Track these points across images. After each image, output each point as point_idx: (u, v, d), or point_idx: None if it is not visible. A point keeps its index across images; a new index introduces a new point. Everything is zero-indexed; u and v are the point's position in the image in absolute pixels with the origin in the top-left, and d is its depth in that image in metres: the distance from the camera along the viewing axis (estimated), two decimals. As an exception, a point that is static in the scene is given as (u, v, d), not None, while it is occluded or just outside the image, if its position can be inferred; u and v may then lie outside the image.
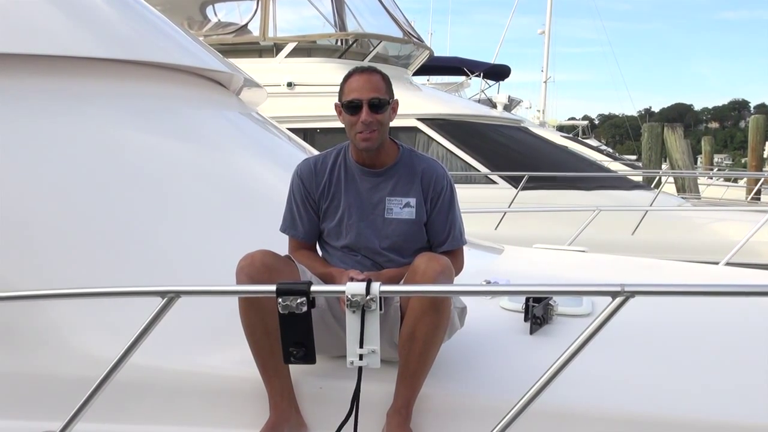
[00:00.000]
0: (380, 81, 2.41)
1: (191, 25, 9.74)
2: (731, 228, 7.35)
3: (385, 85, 2.42)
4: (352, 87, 2.39)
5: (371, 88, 2.37)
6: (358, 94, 2.36)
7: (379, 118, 2.38)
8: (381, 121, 2.39)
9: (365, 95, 2.36)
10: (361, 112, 2.36)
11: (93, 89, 3.23)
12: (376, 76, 2.41)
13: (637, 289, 1.77)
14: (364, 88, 2.37)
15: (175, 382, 2.40)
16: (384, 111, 2.40)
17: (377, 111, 2.37)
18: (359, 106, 2.36)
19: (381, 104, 2.38)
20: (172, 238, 2.93)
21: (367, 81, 2.38)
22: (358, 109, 2.37)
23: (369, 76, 2.40)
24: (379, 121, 2.38)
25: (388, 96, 2.42)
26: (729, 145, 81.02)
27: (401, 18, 10.36)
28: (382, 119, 2.39)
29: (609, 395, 2.29)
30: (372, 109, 2.36)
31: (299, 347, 2.00)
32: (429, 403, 2.29)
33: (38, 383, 2.44)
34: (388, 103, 2.41)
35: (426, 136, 8.97)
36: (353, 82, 2.39)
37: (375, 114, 2.37)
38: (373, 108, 2.37)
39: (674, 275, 3.93)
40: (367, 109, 2.36)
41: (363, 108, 2.36)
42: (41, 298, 2.36)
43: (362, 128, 2.36)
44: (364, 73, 2.40)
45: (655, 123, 16.57)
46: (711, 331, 2.85)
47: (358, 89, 2.37)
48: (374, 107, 2.37)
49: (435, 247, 2.53)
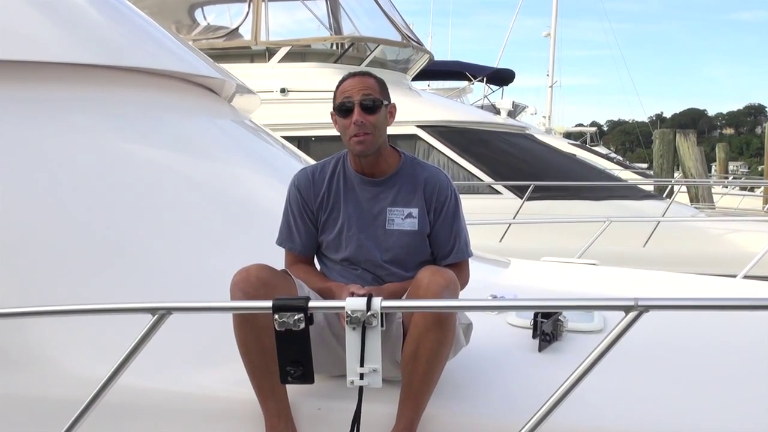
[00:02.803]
0: (373, 82, 2.45)
1: (179, 29, 9.78)
2: (748, 239, 7.36)
3: (378, 87, 2.45)
4: (344, 89, 2.43)
5: (363, 88, 2.41)
6: (348, 95, 2.40)
7: (372, 120, 2.40)
8: (375, 124, 2.40)
9: (356, 95, 2.39)
10: (353, 113, 2.38)
11: (78, 97, 3.24)
12: (368, 78, 2.46)
13: (651, 303, 1.78)
14: (356, 89, 2.41)
15: (166, 403, 2.41)
16: (378, 112, 2.41)
17: (370, 112, 2.39)
18: (351, 108, 2.39)
19: (374, 105, 2.40)
20: (163, 251, 2.94)
21: (358, 82, 2.42)
22: (350, 111, 2.39)
23: (361, 77, 2.45)
24: (372, 123, 2.40)
25: (382, 97, 2.45)
26: (745, 152, 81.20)
27: (399, 20, 10.40)
28: (376, 121, 2.41)
29: (622, 415, 2.29)
30: (365, 110, 2.38)
31: (297, 366, 2.01)
32: (433, 425, 2.29)
33: (22, 404, 2.44)
34: (383, 105, 2.44)
35: (426, 143, 8.98)
36: (345, 85, 2.44)
37: (367, 115, 2.39)
38: (366, 109, 2.39)
39: (690, 289, 3.93)
40: (359, 110, 2.38)
41: (355, 108, 2.38)
42: (25, 315, 2.35)
43: (355, 130, 2.38)
44: (356, 76, 2.46)
45: (666, 129, 16.61)
46: (729, 348, 2.86)
47: (349, 90, 2.41)
48: (367, 108, 2.39)
49: (439, 259, 2.54)
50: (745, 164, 62.25)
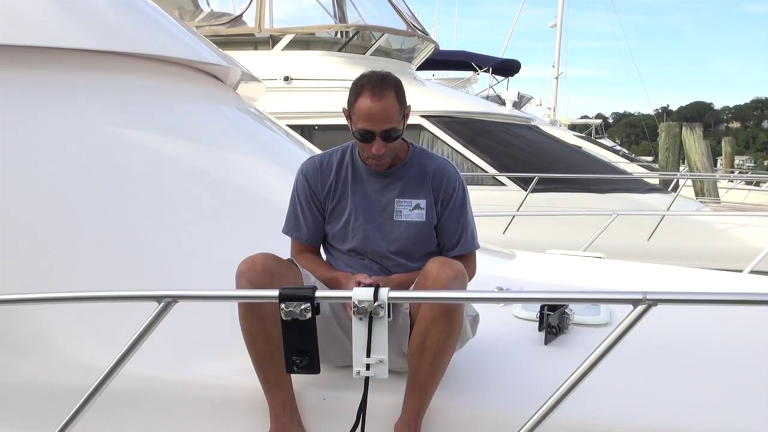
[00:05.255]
0: (394, 105, 2.33)
1: (183, 15, 9.75)
2: (754, 234, 7.36)
3: (398, 108, 2.35)
4: (363, 113, 2.31)
5: (385, 119, 2.31)
6: (370, 126, 2.32)
7: (391, 146, 2.38)
8: (393, 148, 2.40)
9: (378, 127, 2.32)
10: (374, 143, 2.35)
11: (82, 82, 3.24)
12: (390, 99, 2.32)
13: (660, 297, 1.78)
14: (378, 119, 2.31)
15: (171, 392, 2.42)
16: (397, 137, 2.38)
17: (390, 141, 2.37)
18: (372, 137, 2.35)
19: (395, 134, 2.37)
20: (169, 239, 2.95)
21: (381, 110, 2.30)
22: (370, 140, 2.35)
23: (383, 102, 2.30)
24: (391, 149, 2.39)
25: (402, 121, 2.39)
26: (751, 146, 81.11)
27: (405, 9, 10.38)
28: (394, 145, 2.40)
29: (629, 410, 2.30)
30: (385, 140, 2.36)
31: (302, 356, 2.02)
32: (439, 416, 2.30)
33: (27, 392, 2.45)
34: (401, 129, 2.40)
35: (431, 134, 8.97)
36: (365, 108, 2.31)
37: (388, 143, 2.37)
38: (387, 139, 2.36)
39: (697, 284, 3.93)
40: (380, 140, 2.35)
41: (375, 139, 2.35)
42: (29, 302, 2.36)
43: (373, 155, 2.37)
44: (378, 99, 2.30)
45: (672, 122, 16.52)
46: (737, 343, 2.86)
47: (370, 119, 2.31)
48: (387, 138, 2.36)
49: (446, 251, 2.54)
50: (752, 158, 62.16)
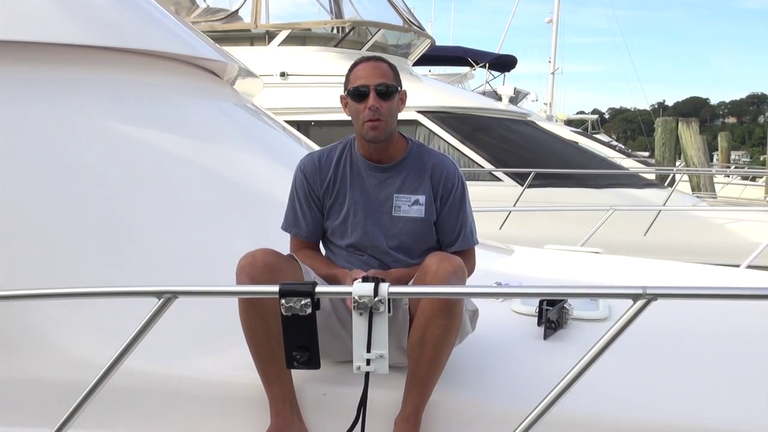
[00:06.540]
0: (388, 69, 2.47)
1: (179, 10, 9.72)
2: (750, 229, 7.39)
3: (393, 73, 2.47)
4: (358, 74, 2.44)
5: (379, 75, 2.42)
6: (365, 81, 2.41)
7: (386, 106, 2.42)
8: (389, 110, 2.43)
9: (372, 81, 2.41)
10: (368, 99, 2.40)
11: (81, 78, 3.24)
12: (383, 64, 2.47)
13: (659, 291, 1.79)
14: (372, 75, 2.42)
15: (171, 388, 2.42)
16: (392, 99, 2.43)
17: (385, 98, 2.41)
18: (366, 93, 2.40)
19: (389, 91, 2.42)
20: (168, 235, 2.95)
21: (374, 68, 2.44)
22: (364, 96, 2.41)
23: (376, 63, 2.46)
24: (386, 110, 2.42)
25: (396, 83, 2.47)
26: (747, 141, 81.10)
27: (401, 5, 10.37)
28: (390, 107, 2.43)
29: (628, 405, 2.31)
30: (380, 95, 2.40)
31: (303, 351, 2.01)
32: (439, 411, 2.31)
33: (26, 388, 2.45)
34: (396, 91, 2.45)
35: (427, 129, 8.98)
36: (360, 70, 2.44)
37: (383, 101, 2.41)
38: (381, 95, 2.41)
39: (695, 278, 3.95)
40: (375, 95, 2.40)
41: (370, 94, 2.40)
42: (28, 298, 2.36)
43: (369, 115, 2.40)
44: (371, 61, 2.47)
45: (669, 117, 16.59)
46: (736, 338, 2.87)
47: (365, 76, 2.42)
48: (382, 94, 2.41)
49: (445, 246, 2.55)
50: (747, 154, 62.20)
